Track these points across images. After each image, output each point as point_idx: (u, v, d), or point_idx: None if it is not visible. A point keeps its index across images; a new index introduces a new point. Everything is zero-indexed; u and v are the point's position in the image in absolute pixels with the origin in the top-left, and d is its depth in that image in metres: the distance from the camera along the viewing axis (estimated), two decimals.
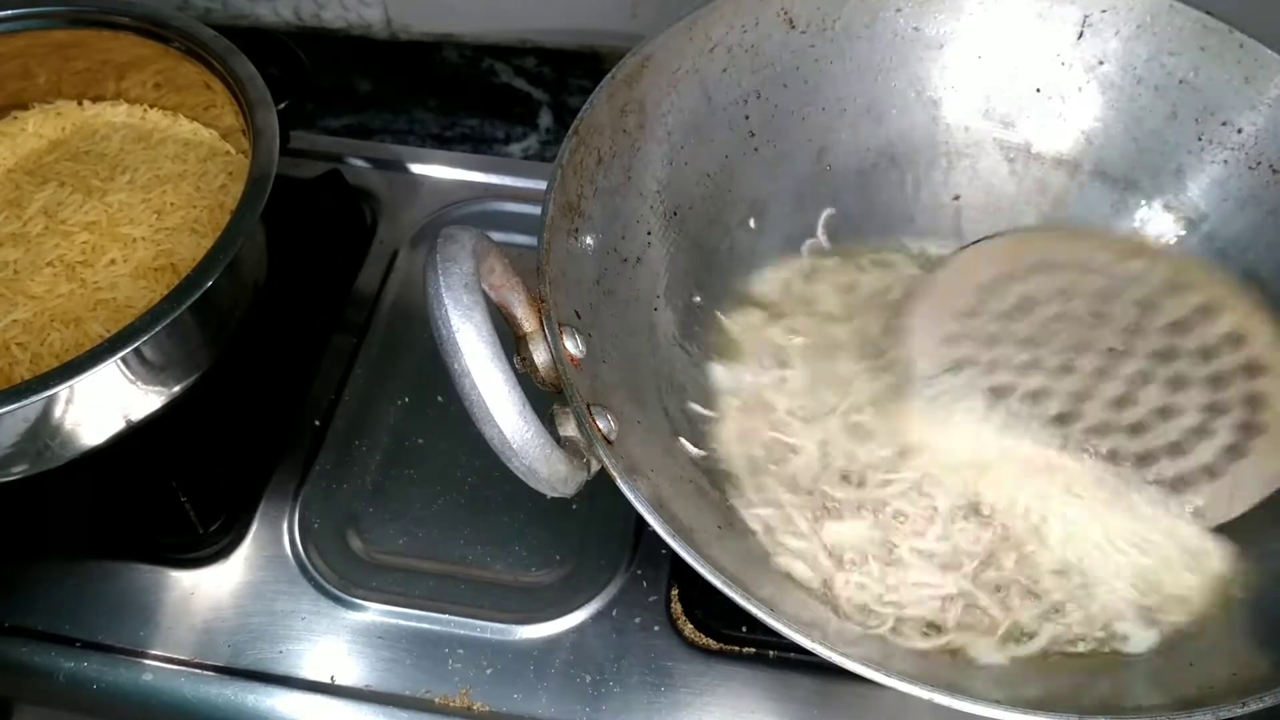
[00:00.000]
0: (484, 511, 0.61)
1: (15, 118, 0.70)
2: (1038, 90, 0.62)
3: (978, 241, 0.60)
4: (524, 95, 0.85)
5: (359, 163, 0.78)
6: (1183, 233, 0.60)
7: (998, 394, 0.53)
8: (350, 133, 0.84)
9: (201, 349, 0.58)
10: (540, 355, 0.44)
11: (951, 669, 0.48)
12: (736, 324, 0.59)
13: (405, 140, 0.83)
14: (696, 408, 0.55)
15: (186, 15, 0.65)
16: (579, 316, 0.48)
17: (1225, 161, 0.59)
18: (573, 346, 0.45)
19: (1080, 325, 0.55)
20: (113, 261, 0.61)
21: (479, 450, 0.41)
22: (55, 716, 0.61)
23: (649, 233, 0.55)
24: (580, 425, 0.42)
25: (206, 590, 0.59)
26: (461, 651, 0.56)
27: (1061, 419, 0.52)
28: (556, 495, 0.42)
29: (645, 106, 0.54)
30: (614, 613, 0.58)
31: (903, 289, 0.59)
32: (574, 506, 0.60)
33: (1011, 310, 0.56)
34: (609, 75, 0.52)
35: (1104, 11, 0.59)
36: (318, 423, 0.65)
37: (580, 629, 0.57)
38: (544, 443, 0.40)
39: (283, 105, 0.61)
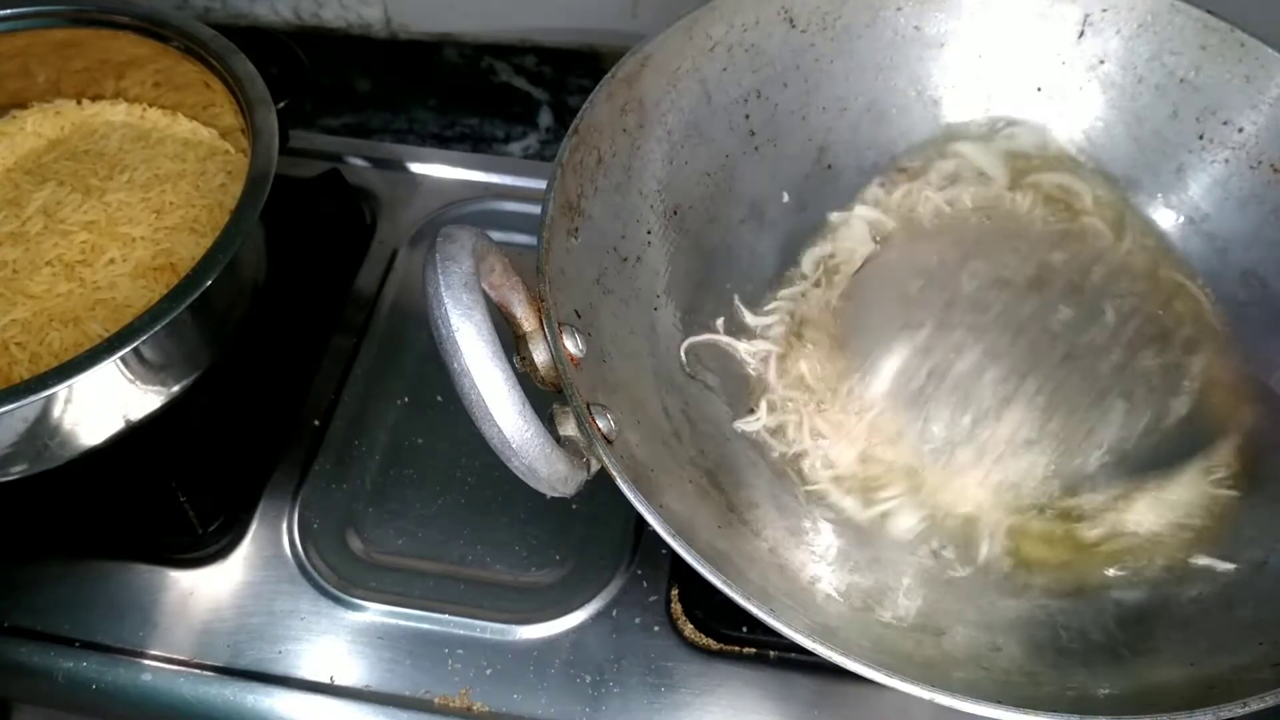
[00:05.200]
0: (484, 511, 0.61)
1: (14, 117, 0.69)
2: (1039, 89, 0.62)
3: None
4: (524, 95, 0.85)
5: (359, 162, 0.78)
6: (1183, 231, 0.60)
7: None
8: (350, 132, 0.84)
9: (201, 349, 0.58)
10: (540, 355, 0.44)
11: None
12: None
13: (405, 140, 0.83)
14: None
15: (186, 14, 0.65)
16: (579, 316, 0.48)
17: (1226, 160, 0.59)
18: (572, 346, 0.45)
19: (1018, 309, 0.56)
20: (112, 261, 0.61)
21: (479, 450, 0.41)
22: (55, 716, 0.61)
23: (649, 232, 0.55)
24: (580, 425, 0.42)
25: (206, 590, 0.59)
26: (461, 651, 0.56)
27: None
28: (556, 495, 0.42)
29: (645, 106, 0.54)
30: (614, 613, 0.58)
31: None
32: (574, 506, 0.60)
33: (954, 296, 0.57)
34: (609, 74, 0.52)
35: (1105, 11, 0.59)
36: (317, 423, 0.64)
37: (580, 629, 0.57)
38: (544, 442, 0.40)
39: (282, 104, 0.61)
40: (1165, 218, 0.60)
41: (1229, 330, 0.57)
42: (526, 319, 0.45)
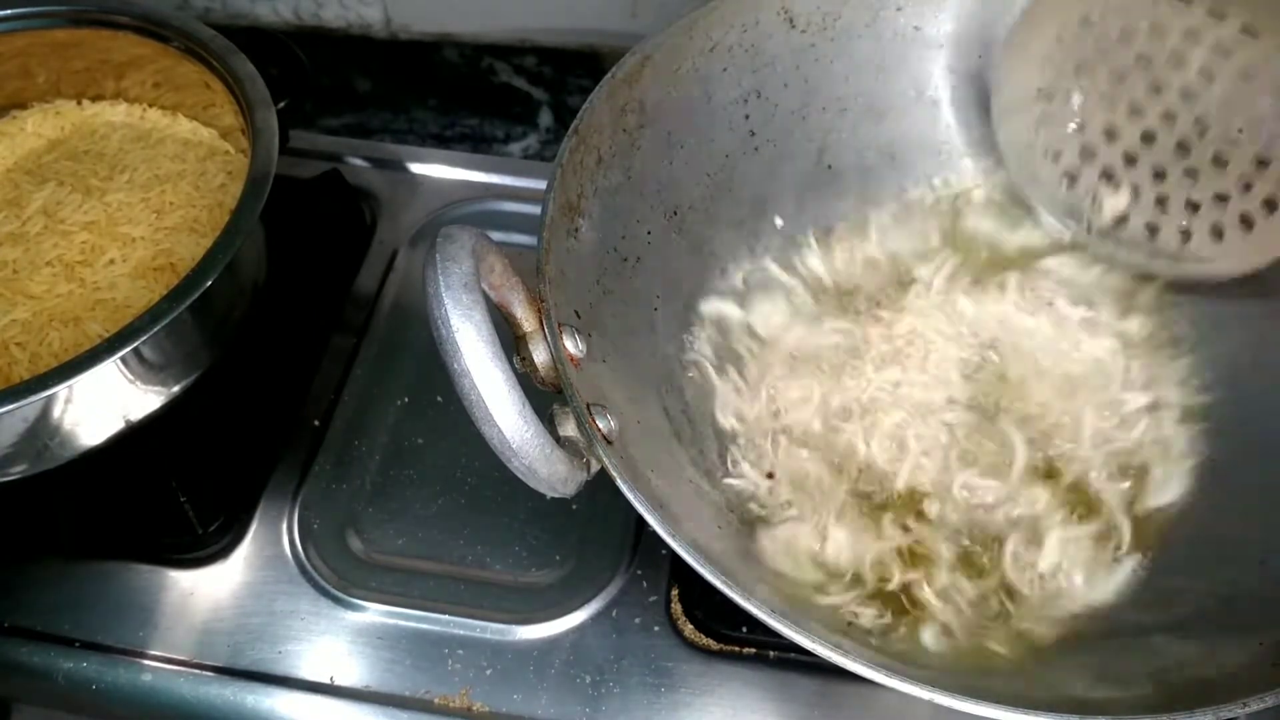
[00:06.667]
0: (484, 511, 0.61)
1: (14, 117, 0.69)
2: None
3: None
4: (524, 95, 0.85)
5: (359, 162, 0.78)
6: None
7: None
8: (350, 132, 0.84)
9: (201, 349, 0.58)
10: (540, 355, 0.44)
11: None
12: None
13: (405, 140, 0.83)
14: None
15: (186, 15, 0.65)
16: (579, 316, 0.48)
17: None
18: (572, 346, 0.45)
19: (1159, 67, 0.56)
20: (112, 261, 0.61)
21: (479, 450, 0.41)
22: (55, 716, 0.61)
23: (649, 232, 0.55)
24: (580, 425, 0.42)
25: (206, 590, 0.59)
26: (461, 652, 0.56)
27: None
28: (556, 495, 0.42)
29: (645, 106, 0.54)
30: (614, 613, 0.58)
31: None
32: (574, 506, 0.60)
33: (1102, 42, 0.57)
34: (609, 75, 0.52)
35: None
36: (317, 423, 0.64)
37: (580, 629, 0.57)
38: (544, 443, 0.40)
39: (282, 105, 0.61)
40: None
41: None
42: (526, 319, 0.45)
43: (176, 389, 0.58)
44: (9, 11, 0.65)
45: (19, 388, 0.50)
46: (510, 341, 0.44)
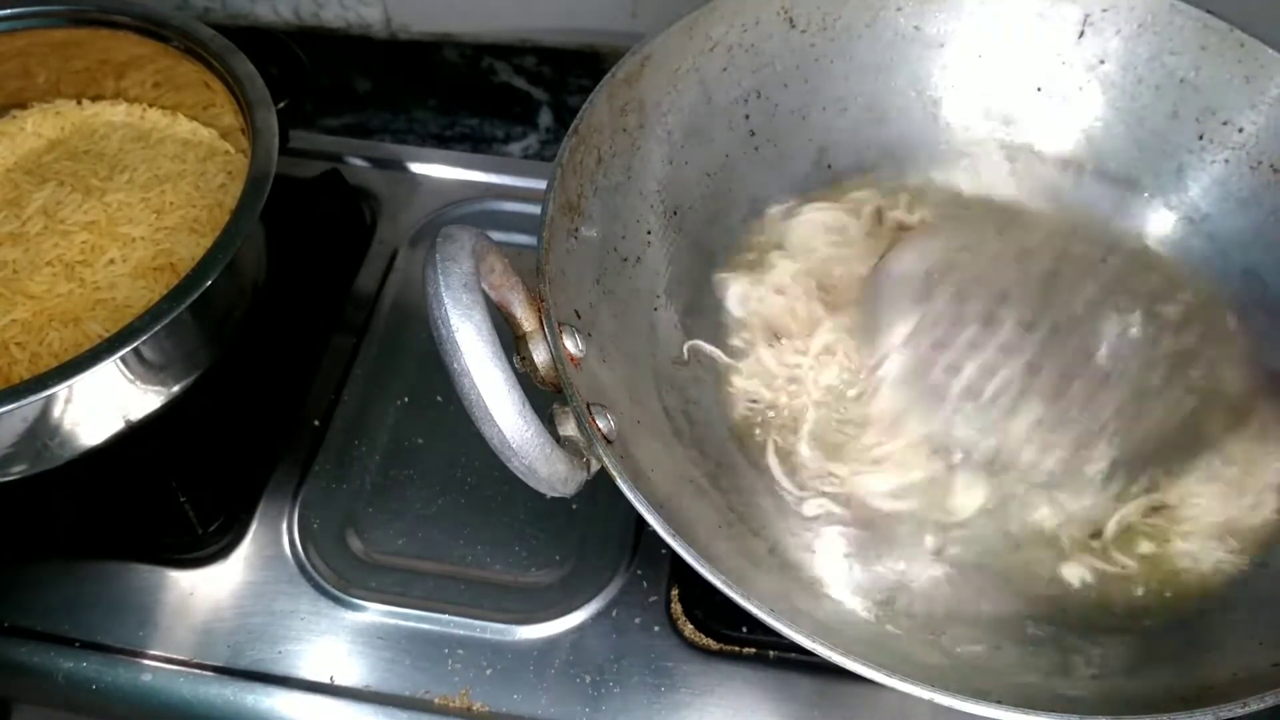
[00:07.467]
0: (484, 511, 0.61)
1: (14, 117, 0.69)
2: (1039, 89, 0.62)
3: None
4: (524, 95, 0.85)
5: (359, 162, 0.78)
6: (1183, 231, 0.60)
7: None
8: (350, 132, 0.84)
9: (200, 349, 0.58)
10: (540, 355, 0.44)
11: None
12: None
13: (405, 140, 0.83)
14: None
15: (186, 14, 0.65)
16: (579, 316, 0.48)
17: (1226, 161, 0.59)
18: (572, 346, 0.45)
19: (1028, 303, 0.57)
20: (112, 261, 0.61)
21: (479, 450, 0.41)
22: (55, 716, 0.61)
23: (649, 232, 0.55)
24: (580, 425, 0.42)
25: (206, 590, 0.59)
26: (461, 651, 0.56)
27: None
28: (556, 495, 0.42)
29: (645, 106, 0.54)
30: (614, 613, 0.58)
31: None
32: (574, 506, 0.60)
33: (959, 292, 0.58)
34: (609, 74, 0.52)
35: (1105, 11, 0.59)
36: (317, 423, 0.64)
37: (580, 629, 0.57)
38: (544, 442, 0.40)
39: (282, 104, 0.61)
40: (1165, 218, 0.60)
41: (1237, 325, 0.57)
42: (526, 319, 0.45)
43: (176, 389, 0.58)
44: (9, 11, 0.65)
45: (19, 388, 0.50)
46: (510, 341, 0.44)
